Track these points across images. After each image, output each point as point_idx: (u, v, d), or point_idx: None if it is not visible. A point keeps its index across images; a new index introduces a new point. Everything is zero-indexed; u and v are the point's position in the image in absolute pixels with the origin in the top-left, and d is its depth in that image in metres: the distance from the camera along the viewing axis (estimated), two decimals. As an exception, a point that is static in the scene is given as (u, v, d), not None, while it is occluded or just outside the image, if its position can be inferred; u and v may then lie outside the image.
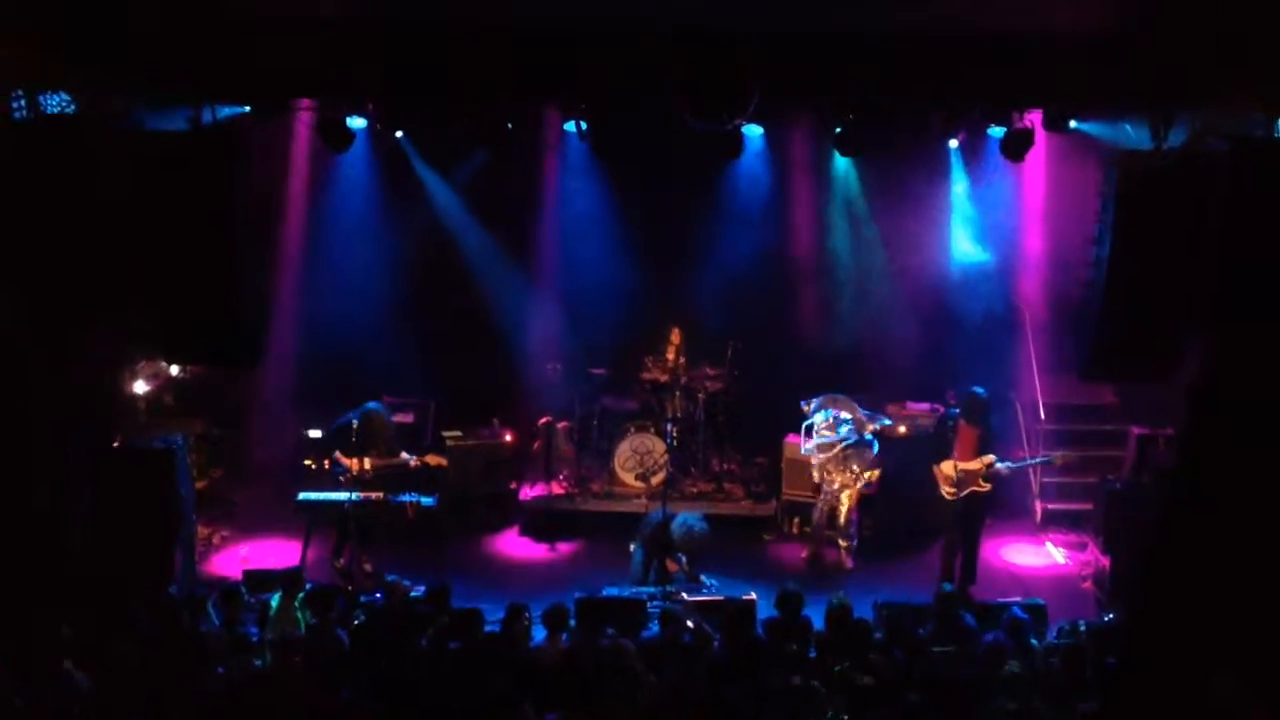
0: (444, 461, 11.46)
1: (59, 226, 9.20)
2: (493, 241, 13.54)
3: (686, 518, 10.50)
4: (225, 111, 10.03)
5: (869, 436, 11.72)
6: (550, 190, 13.57)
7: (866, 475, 11.67)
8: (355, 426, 10.93)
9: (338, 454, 11.01)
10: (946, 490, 10.77)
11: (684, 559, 10.42)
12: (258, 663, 7.77)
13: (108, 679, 7.19)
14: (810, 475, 11.96)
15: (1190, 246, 9.32)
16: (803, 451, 11.97)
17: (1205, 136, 9.26)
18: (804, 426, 11.94)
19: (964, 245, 13.24)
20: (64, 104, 9.11)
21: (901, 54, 9.21)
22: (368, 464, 10.98)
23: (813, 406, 11.94)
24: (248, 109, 10.40)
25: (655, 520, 10.65)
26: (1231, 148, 9.04)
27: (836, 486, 11.68)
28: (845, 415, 11.69)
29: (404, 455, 11.12)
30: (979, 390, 10.79)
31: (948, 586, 8.97)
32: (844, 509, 11.69)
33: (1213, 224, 9.13)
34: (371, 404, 11.17)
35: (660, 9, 8.79)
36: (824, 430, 11.71)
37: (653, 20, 8.99)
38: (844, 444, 11.64)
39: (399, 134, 11.86)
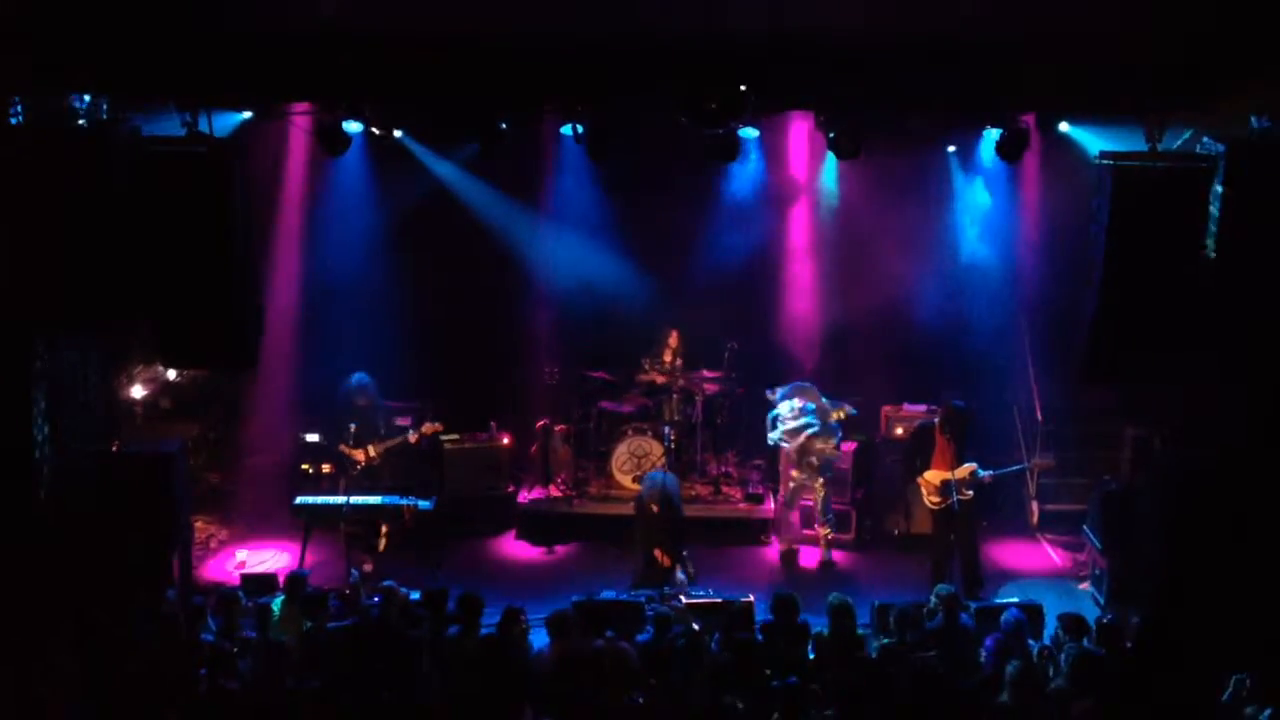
0: (440, 426, 11.83)
1: (56, 231, 9.20)
2: (489, 244, 13.51)
3: (653, 474, 10.58)
4: (221, 116, 10.06)
5: (834, 424, 11.72)
6: (547, 193, 13.56)
7: (829, 455, 11.65)
8: (347, 408, 11.31)
9: (341, 447, 11.08)
10: (931, 500, 10.79)
11: (687, 558, 10.45)
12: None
13: (105, 683, 7.18)
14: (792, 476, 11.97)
15: (1186, 247, 9.34)
16: (769, 441, 12.00)
17: (1201, 137, 9.30)
18: (769, 417, 11.94)
19: (961, 247, 13.24)
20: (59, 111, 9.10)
21: (897, 58, 9.22)
22: (373, 451, 11.09)
23: (778, 395, 11.96)
24: (245, 114, 10.43)
25: (636, 503, 10.80)
26: (1228, 149, 9.06)
27: (805, 477, 11.71)
28: (809, 404, 11.70)
29: (395, 438, 11.51)
30: (958, 403, 10.82)
31: (945, 587, 8.98)
32: (819, 498, 11.75)
33: (1208, 225, 9.16)
34: (355, 377, 11.26)
35: (657, 13, 8.79)
36: (789, 420, 11.72)
37: (650, 24, 8.99)
38: (809, 431, 11.62)
39: (398, 133, 11.84)
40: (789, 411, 11.75)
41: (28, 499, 9.04)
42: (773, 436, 11.92)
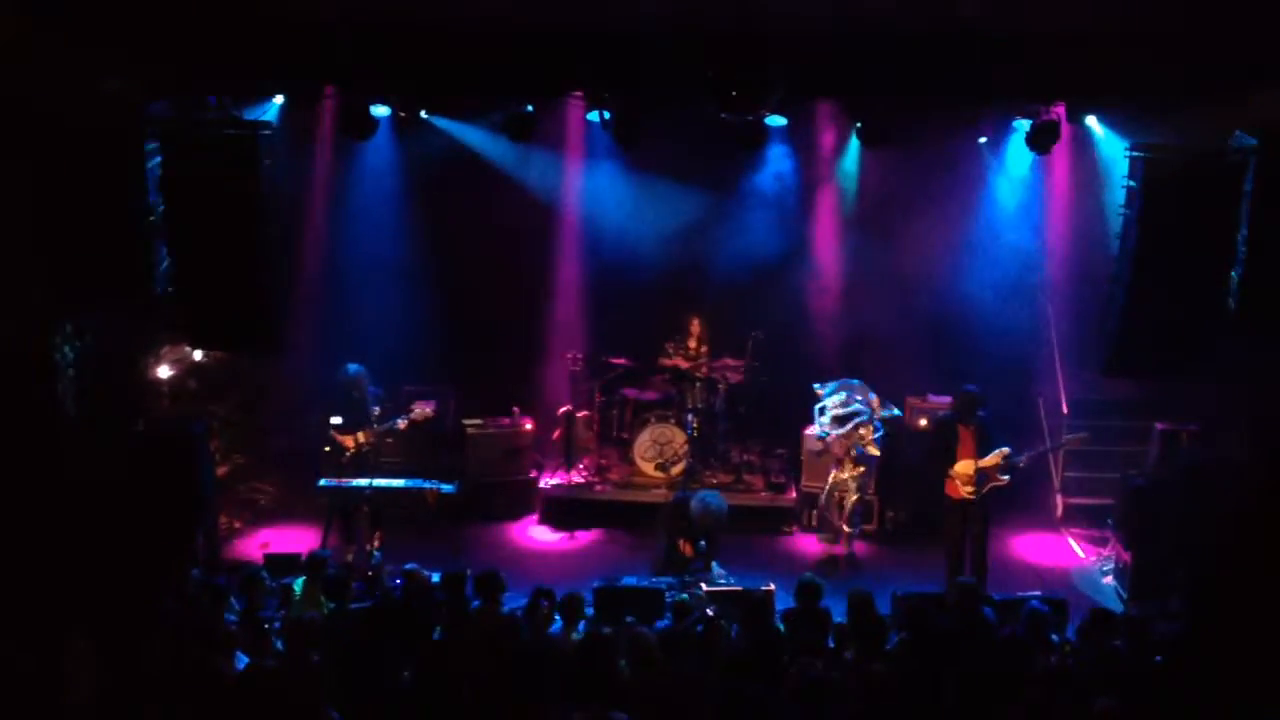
0: (430, 413, 11.53)
1: (85, 211, 9.27)
2: (514, 228, 13.51)
3: (706, 495, 10.59)
4: (252, 101, 10.12)
5: (878, 421, 11.66)
6: (573, 179, 13.55)
7: (869, 450, 11.60)
8: (341, 397, 11.05)
9: (333, 434, 11.03)
10: (966, 491, 10.60)
11: (703, 545, 10.44)
12: (278, 645, 7.80)
13: (129, 663, 7.22)
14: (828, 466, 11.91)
15: (1215, 240, 9.28)
16: (816, 433, 11.95)
17: (1232, 130, 9.22)
18: (816, 408, 11.91)
19: (990, 238, 13.15)
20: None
21: (925, 47, 9.17)
22: (363, 438, 11.03)
23: (826, 390, 11.93)
24: (275, 99, 10.48)
25: (674, 500, 10.72)
26: (1259, 142, 8.99)
27: (846, 476, 11.65)
28: (858, 396, 11.66)
29: (384, 424, 11.18)
30: (970, 387, 10.60)
31: (965, 579, 8.93)
32: (851, 498, 11.67)
33: (1238, 218, 9.09)
34: (351, 366, 11.18)
35: (684, 1, 8.77)
36: (837, 409, 11.67)
37: (677, 12, 8.98)
38: (859, 419, 11.54)
39: (423, 114, 11.81)
40: (836, 402, 11.69)
41: (54, 478, 9.12)
42: (821, 423, 11.85)
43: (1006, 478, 10.48)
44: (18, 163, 8.77)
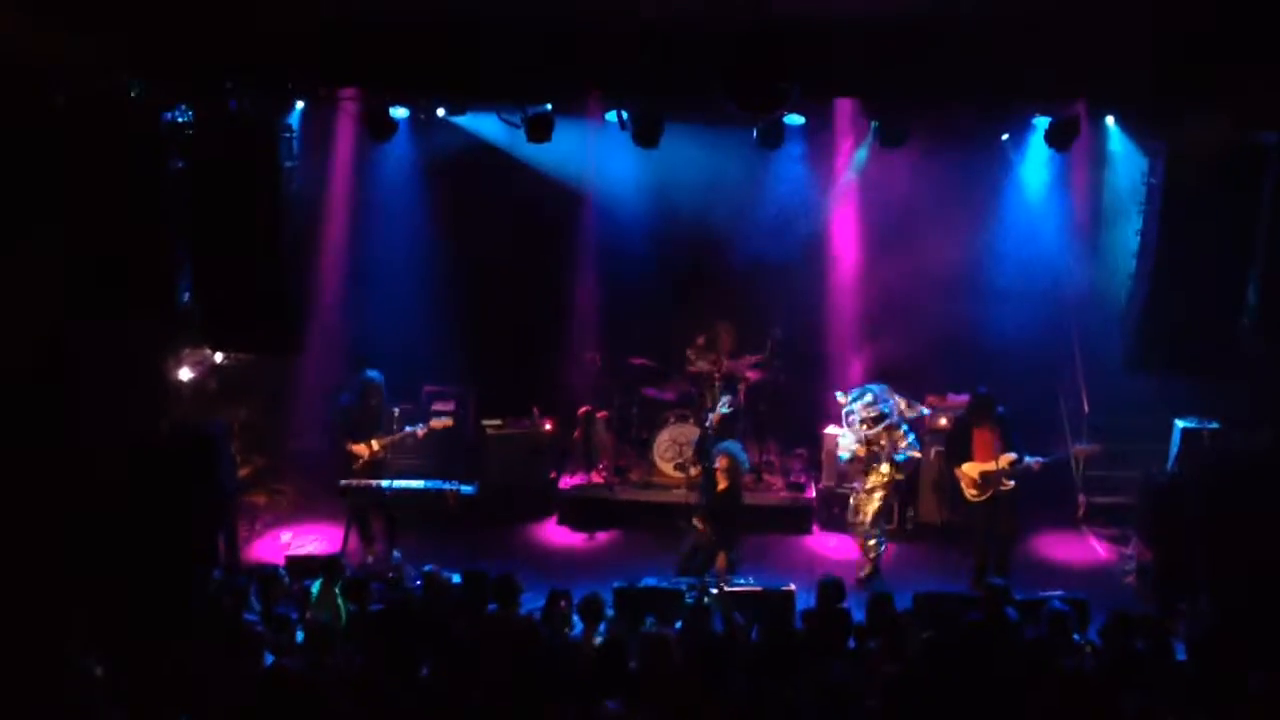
0: (449, 422, 11.48)
1: (108, 213, 9.33)
2: (532, 229, 13.52)
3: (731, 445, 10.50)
4: (272, 104, 10.16)
5: (906, 424, 11.47)
6: (592, 179, 13.54)
7: (908, 452, 11.34)
8: (358, 403, 11.01)
9: (347, 445, 11.02)
10: (969, 493, 10.60)
11: (734, 559, 10.39)
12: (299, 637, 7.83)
13: (149, 665, 7.27)
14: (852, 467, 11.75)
15: (1236, 237, 9.23)
16: (841, 452, 11.49)
17: (1253, 127, 9.17)
18: (844, 412, 11.68)
19: (1011, 236, 13.08)
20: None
21: (942, 45, 9.14)
22: (376, 445, 11.01)
23: (850, 396, 11.75)
24: (296, 102, 10.53)
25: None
26: (1280, 138, 8.94)
27: (869, 485, 11.19)
28: (885, 397, 11.42)
29: (408, 429, 11.23)
30: (981, 389, 10.58)
31: (995, 580, 8.90)
32: (871, 509, 11.13)
33: (1259, 215, 9.04)
34: (370, 373, 11.16)
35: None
36: (864, 411, 11.33)
37: (695, 10, 8.98)
38: (887, 421, 11.06)
39: (441, 112, 11.82)
40: (862, 405, 11.38)
41: (74, 482, 9.17)
42: (849, 431, 11.32)
43: (1012, 483, 10.41)
44: (38, 167, 8.83)
